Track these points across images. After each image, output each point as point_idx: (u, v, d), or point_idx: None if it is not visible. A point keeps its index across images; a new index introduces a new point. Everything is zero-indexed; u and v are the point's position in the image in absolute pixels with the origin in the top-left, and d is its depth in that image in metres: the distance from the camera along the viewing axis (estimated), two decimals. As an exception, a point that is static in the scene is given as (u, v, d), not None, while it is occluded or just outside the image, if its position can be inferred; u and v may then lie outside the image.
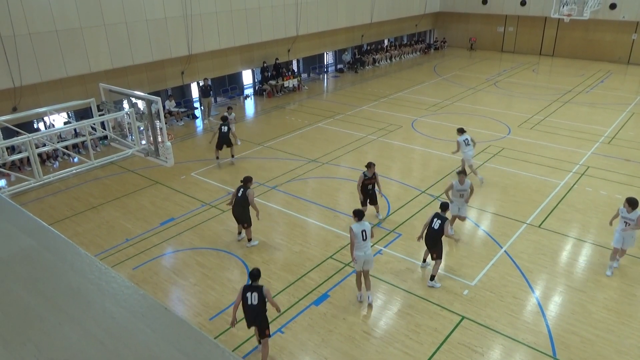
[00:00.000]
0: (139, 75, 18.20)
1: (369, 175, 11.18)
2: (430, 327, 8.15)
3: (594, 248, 10.41)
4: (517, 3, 31.35)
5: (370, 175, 11.18)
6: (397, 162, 15.20)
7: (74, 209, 12.56)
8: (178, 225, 11.61)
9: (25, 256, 1.62)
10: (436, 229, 8.98)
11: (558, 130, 17.74)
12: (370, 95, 23.08)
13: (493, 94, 23.08)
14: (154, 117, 9.71)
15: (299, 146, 16.57)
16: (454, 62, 30.80)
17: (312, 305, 8.73)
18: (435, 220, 9.03)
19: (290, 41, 24.02)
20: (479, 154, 15.47)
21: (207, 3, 19.11)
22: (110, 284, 1.50)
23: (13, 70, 14.16)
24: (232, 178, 14.07)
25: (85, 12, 15.46)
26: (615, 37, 29.55)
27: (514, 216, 11.69)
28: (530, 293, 9.01)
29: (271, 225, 11.57)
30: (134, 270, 9.88)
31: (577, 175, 13.94)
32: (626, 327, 8.09)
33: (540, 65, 29.68)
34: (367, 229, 8.46)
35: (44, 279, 1.53)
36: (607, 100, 21.72)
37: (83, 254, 1.64)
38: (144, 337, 1.31)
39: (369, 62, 29.78)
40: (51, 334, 1.31)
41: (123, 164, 15.11)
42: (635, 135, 17.10)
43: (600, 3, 27.96)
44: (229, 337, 8.00)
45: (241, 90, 24.06)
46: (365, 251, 8.42)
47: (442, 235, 8.96)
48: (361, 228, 8.42)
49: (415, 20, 33.09)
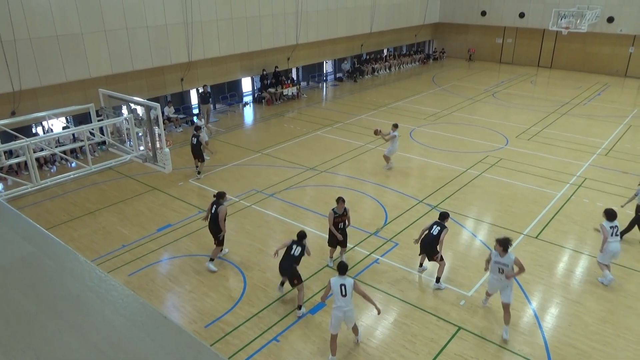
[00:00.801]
0: (139, 81, 18.24)
1: (339, 212, 9.75)
2: (427, 337, 8.13)
3: (590, 260, 10.42)
4: (516, 15, 31.63)
5: (341, 212, 9.74)
6: (394, 171, 15.23)
7: (70, 214, 12.53)
8: (175, 231, 11.59)
9: (26, 263, 1.62)
10: (434, 235, 9.10)
11: (556, 141, 17.83)
12: (369, 105, 23.17)
13: (491, 105, 23.19)
14: (153, 123, 9.73)
15: (297, 154, 16.60)
16: (452, 73, 30.97)
17: (308, 314, 8.70)
18: (435, 227, 9.19)
19: (290, 49, 24.15)
20: (477, 164, 15.53)
21: (208, 10, 19.22)
22: (110, 291, 1.50)
23: (13, 74, 14.18)
24: (230, 185, 14.07)
25: (86, 18, 15.53)
26: (612, 50, 29.80)
27: (511, 227, 11.71)
28: (526, 304, 9.00)
29: (268, 232, 11.55)
30: (130, 276, 9.84)
31: (575, 186, 13.99)
32: (622, 340, 8.08)
33: (538, 77, 29.88)
34: (349, 285, 7.41)
35: (44, 285, 1.53)
36: (605, 112, 21.85)
37: (83, 261, 1.64)
38: (144, 346, 1.31)
39: (368, 71, 29.93)
40: (51, 341, 1.31)
41: (121, 170, 15.10)
42: (632, 148, 17.19)
43: (598, 16, 28.25)
44: (224, 345, 7.96)
45: (240, 98, 24.12)
46: (344, 311, 7.40)
47: (438, 242, 9.01)
48: (340, 282, 7.42)
49: (414, 30, 33.32)
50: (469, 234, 11.48)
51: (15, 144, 8.78)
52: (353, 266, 10.05)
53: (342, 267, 7.56)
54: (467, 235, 11.44)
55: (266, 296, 9.20)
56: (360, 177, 14.72)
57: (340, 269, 7.56)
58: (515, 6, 31.54)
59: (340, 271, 7.53)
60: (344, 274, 7.52)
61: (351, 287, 7.44)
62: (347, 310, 7.44)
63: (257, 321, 8.51)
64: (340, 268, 7.56)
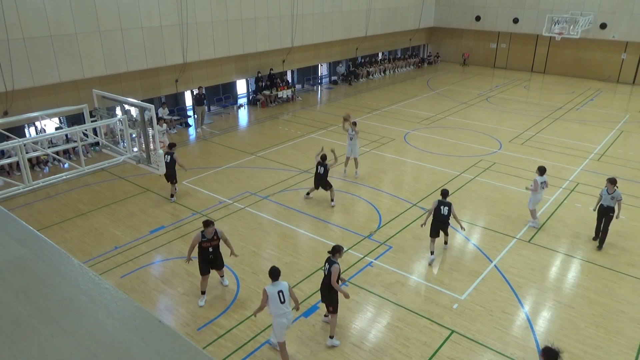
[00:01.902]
0: (133, 82, 18.17)
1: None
2: (420, 341, 8.13)
3: (583, 264, 10.48)
4: (510, 20, 31.84)
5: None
6: (389, 174, 15.25)
7: (62, 215, 12.43)
8: (168, 233, 11.53)
9: (18, 265, 1.60)
10: (446, 215, 10.12)
11: (548, 146, 17.94)
12: (363, 108, 23.22)
13: (485, 109, 23.31)
14: (147, 125, 9.68)
15: (291, 156, 16.58)
16: (446, 77, 31.11)
17: (301, 317, 8.68)
18: (443, 207, 10.13)
19: (285, 52, 24.16)
20: (470, 168, 15.58)
21: (203, 12, 19.19)
22: (104, 295, 1.48)
23: (5, 74, 14.07)
24: (223, 187, 14.03)
25: (80, 18, 15.45)
26: (605, 56, 30.07)
27: (504, 231, 11.75)
28: (519, 308, 9.03)
29: (262, 235, 11.52)
30: (122, 278, 9.78)
31: (567, 191, 14.07)
32: (614, 344, 8.13)
33: (531, 82, 30.07)
34: (285, 289, 7.23)
35: (36, 289, 1.51)
36: (597, 117, 22.02)
37: (76, 264, 1.63)
38: (137, 350, 1.30)
39: (362, 74, 30.00)
40: (43, 346, 1.29)
41: (114, 171, 15.02)
42: (624, 153, 17.33)
43: (591, 23, 28.50)
44: (216, 348, 7.92)
45: (235, 100, 24.08)
46: (287, 316, 7.25)
47: (452, 217, 10.20)
48: (277, 289, 7.17)
49: (409, 34, 33.45)
50: (462, 238, 11.51)
51: (7, 144, 8.70)
52: (346, 269, 10.04)
53: (275, 273, 7.26)
54: (461, 239, 11.47)
55: (259, 298, 9.13)
56: (355, 180, 14.72)
57: (272, 275, 7.24)
58: (509, 12, 31.76)
59: (274, 277, 7.24)
60: (277, 279, 7.26)
61: (287, 290, 7.26)
62: (288, 314, 7.28)
63: (250, 324, 8.48)
64: (273, 274, 7.25)
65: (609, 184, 10.77)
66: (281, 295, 7.16)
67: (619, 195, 10.74)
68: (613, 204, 10.75)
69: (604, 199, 10.87)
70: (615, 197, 10.72)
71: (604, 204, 10.86)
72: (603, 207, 10.88)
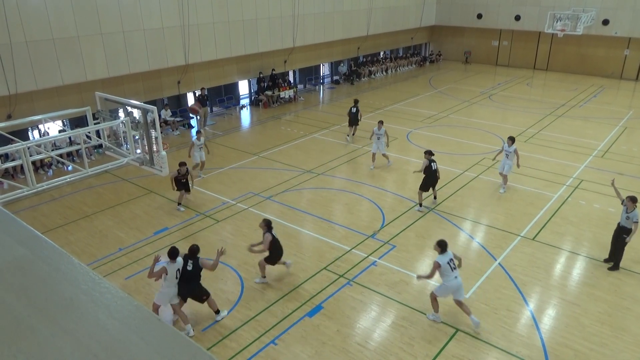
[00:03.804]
0: (135, 84, 18.21)
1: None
2: (425, 340, 8.12)
3: (587, 261, 10.43)
4: (512, 18, 31.74)
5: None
6: (392, 173, 15.23)
7: (67, 217, 12.47)
8: (172, 235, 11.54)
9: (18, 266, 1.60)
10: (435, 169, 12.31)
11: (552, 143, 17.87)
12: (366, 107, 23.17)
13: (487, 107, 23.25)
14: (150, 126, 9.70)
15: (294, 157, 16.58)
16: (449, 75, 31.05)
17: (305, 316, 8.67)
18: (433, 164, 12.27)
19: (286, 52, 24.16)
20: (474, 166, 15.54)
21: (205, 14, 19.21)
22: (104, 294, 1.48)
23: (9, 77, 14.12)
24: (227, 188, 14.04)
25: (82, 21, 15.49)
26: (608, 53, 29.94)
27: (508, 229, 11.71)
28: (524, 306, 9.00)
29: (265, 235, 11.50)
30: (126, 280, 9.80)
31: (571, 188, 14.01)
32: (620, 341, 8.08)
33: (534, 79, 29.97)
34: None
35: (37, 289, 1.51)
36: (600, 114, 21.93)
37: (76, 264, 1.62)
38: (138, 350, 1.29)
39: (364, 74, 29.97)
40: (43, 345, 1.29)
41: (117, 173, 15.05)
42: (627, 150, 17.25)
43: (593, 19, 28.38)
44: (221, 348, 7.93)
45: (237, 100, 24.10)
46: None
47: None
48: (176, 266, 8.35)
49: (411, 33, 33.40)
50: (466, 236, 11.48)
51: (11, 147, 8.74)
52: (350, 268, 10.04)
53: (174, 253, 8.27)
54: (464, 237, 11.44)
55: (263, 299, 9.17)
56: (358, 179, 14.71)
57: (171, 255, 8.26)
58: (511, 9, 31.66)
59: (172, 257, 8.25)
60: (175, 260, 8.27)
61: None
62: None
63: (255, 324, 8.48)
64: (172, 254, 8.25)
65: (628, 202, 9.68)
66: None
67: (636, 216, 9.60)
68: (629, 225, 9.72)
69: (621, 218, 9.96)
70: (631, 218, 9.64)
71: (620, 223, 9.99)
72: (618, 226, 10.03)
